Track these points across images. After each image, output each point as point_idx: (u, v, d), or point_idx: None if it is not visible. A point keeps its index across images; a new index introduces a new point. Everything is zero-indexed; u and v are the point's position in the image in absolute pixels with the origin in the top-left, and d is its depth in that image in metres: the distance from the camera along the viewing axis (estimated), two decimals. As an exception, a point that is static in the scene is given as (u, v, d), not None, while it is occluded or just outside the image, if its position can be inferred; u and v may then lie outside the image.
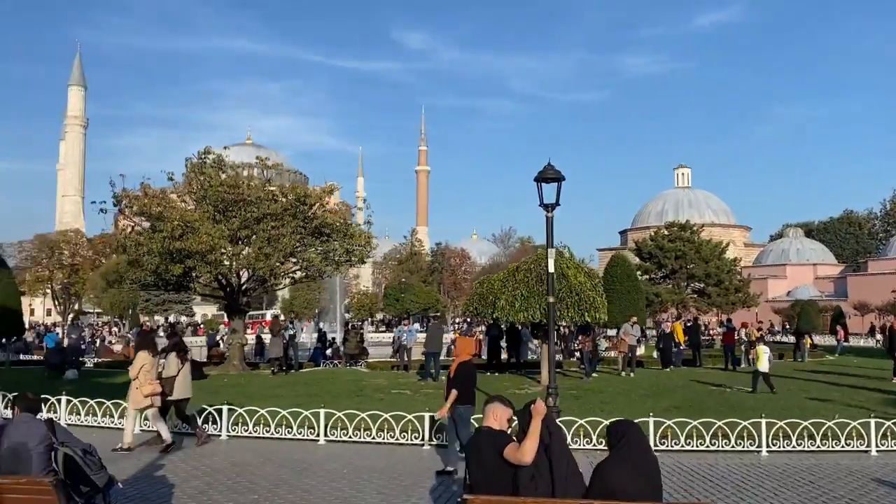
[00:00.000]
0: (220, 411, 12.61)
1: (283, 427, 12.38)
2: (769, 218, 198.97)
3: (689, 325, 30.82)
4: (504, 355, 24.72)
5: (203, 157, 23.10)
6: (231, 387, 20.34)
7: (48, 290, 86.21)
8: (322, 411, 12.22)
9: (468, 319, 55.34)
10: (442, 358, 22.90)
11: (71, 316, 52.66)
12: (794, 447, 11.24)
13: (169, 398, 11.89)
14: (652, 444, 11.26)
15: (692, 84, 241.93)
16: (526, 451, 4.91)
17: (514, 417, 5.59)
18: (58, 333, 38.53)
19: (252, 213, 22.09)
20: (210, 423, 12.65)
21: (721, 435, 11.46)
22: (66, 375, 22.16)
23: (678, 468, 10.37)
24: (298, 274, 26.27)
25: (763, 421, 11.43)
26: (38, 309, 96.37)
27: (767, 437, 11.34)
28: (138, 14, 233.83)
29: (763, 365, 18.46)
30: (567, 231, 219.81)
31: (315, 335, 36.34)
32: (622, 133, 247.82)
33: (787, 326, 54.31)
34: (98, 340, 41.15)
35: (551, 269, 12.29)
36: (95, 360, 32.49)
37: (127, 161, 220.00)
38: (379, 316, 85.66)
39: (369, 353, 31.16)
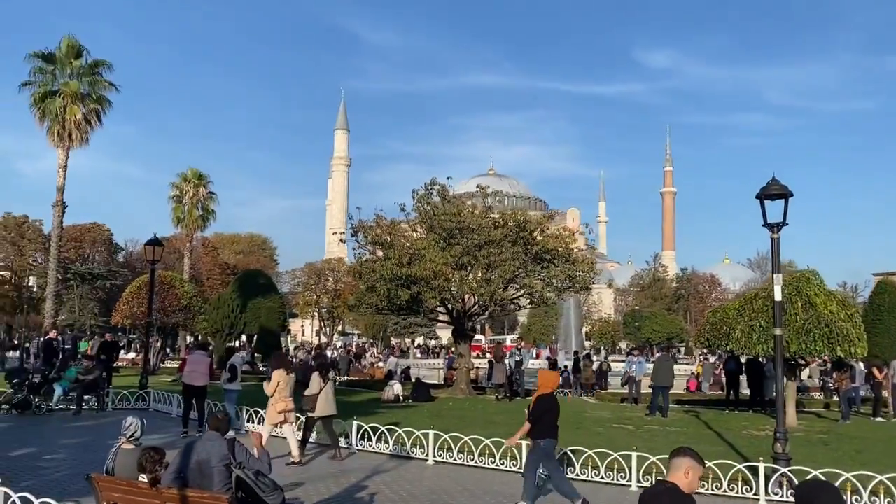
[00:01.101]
0: (426, 435, 12.75)
1: (486, 456, 12.20)
2: None
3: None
4: (745, 390, 22.51)
5: (429, 188, 24.08)
6: (453, 410, 20.73)
7: (315, 313, 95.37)
8: (524, 443, 11.83)
9: (704, 351, 51.64)
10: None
11: (300, 341, 57.96)
12: None
13: (311, 415, 12.53)
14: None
15: None
16: None
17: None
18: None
19: (473, 240, 22.51)
20: (418, 447, 12.86)
21: None
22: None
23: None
24: (523, 300, 26.25)
25: None
26: (307, 329, 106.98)
27: None
28: (394, 61, 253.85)
29: None
30: (837, 254, 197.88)
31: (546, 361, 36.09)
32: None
33: None
34: (351, 359, 44.40)
35: (777, 297, 10.86)
36: (345, 378, 35.29)
37: (383, 195, 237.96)
38: (623, 344, 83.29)
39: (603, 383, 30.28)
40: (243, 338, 40.88)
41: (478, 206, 24.37)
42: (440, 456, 12.63)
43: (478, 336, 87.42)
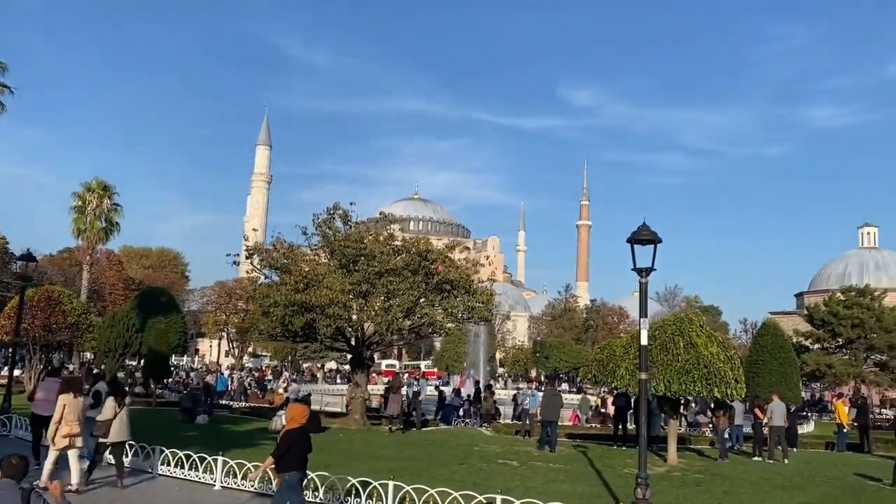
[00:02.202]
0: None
1: (352, 497, 11.84)
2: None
3: (857, 402, 27.21)
4: (630, 426, 22.91)
5: (332, 212, 23.72)
6: (340, 442, 20.23)
7: (224, 334, 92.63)
8: (391, 483, 11.55)
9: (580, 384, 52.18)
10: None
11: (205, 362, 55.96)
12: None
13: (102, 440, 12.37)
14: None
15: (883, 137, 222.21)
16: None
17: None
18: (226, 376, 40.84)
19: (374, 267, 22.23)
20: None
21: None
22: (196, 420, 23.13)
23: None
24: (424, 330, 26.08)
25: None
26: (215, 350, 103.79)
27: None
28: (325, 81, 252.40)
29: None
30: (739, 293, 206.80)
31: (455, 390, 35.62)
32: (803, 188, 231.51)
33: None
34: (251, 385, 43.06)
35: (643, 341, 11.03)
36: (241, 404, 34.12)
37: (308, 214, 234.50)
38: (533, 373, 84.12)
39: (502, 413, 30.24)
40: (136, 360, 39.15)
41: (382, 233, 24.07)
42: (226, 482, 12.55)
43: (391, 361, 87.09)
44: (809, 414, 40.19)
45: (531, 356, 79.58)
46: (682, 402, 20.27)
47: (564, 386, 62.66)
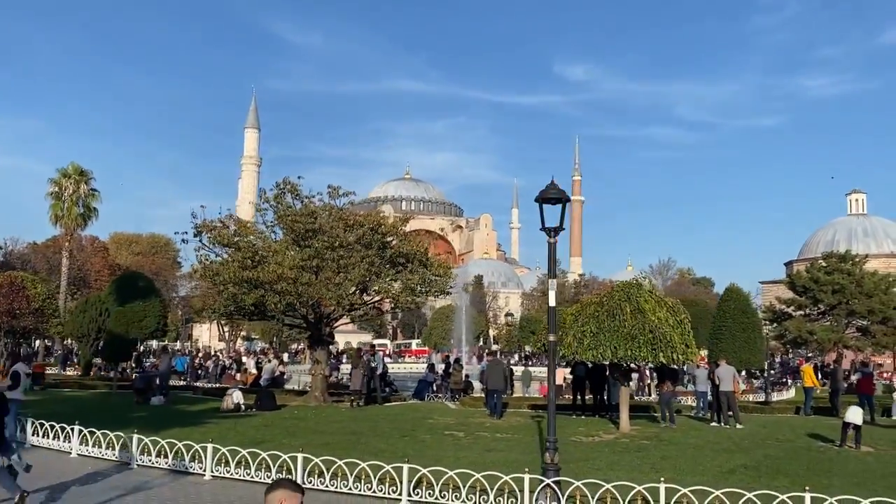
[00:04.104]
0: (205, 449, 11.99)
1: (263, 470, 11.54)
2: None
3: (829, 367, 26.94)
4: (588, 396, 22.68)
5: (282, 188, 23.28)
6: (291, 419, 19.98)
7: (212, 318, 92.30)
8: (300, 456, 11.24)
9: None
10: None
11: (163, 344, 55.73)
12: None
13: None
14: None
15: (874, 104, 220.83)
16: None
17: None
18: (186, 357, 40.64)
19: (325, 242, 21.84)
20: (197, 461, 12.10)
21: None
22: (151, 401, 22.87)
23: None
24: (387, 305, 25.77)
25: (807, 496, 9.10)
26: (205, 334, 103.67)
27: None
28: (318, 63, 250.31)
29: (852, 416, 15.76)
30: (732, 264, 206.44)
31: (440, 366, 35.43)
32: (795, 157, 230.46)
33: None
34: (231, 366, 42.82)
35: (552, 302, 10.67)
36: (215, 385, 33.96)
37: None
38: (528, 348, 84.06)
39: (475, 387, 30.00)
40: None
41: (333, 207, 23.60)
42: (217, 471, 11.95)
43: (383, 341, 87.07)
44: (788, 380, 40.10)
45: (518, 332, 79.49)
46: (636, 368, 19.95)
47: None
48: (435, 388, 30.24)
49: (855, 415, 16.01)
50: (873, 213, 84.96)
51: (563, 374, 29.51)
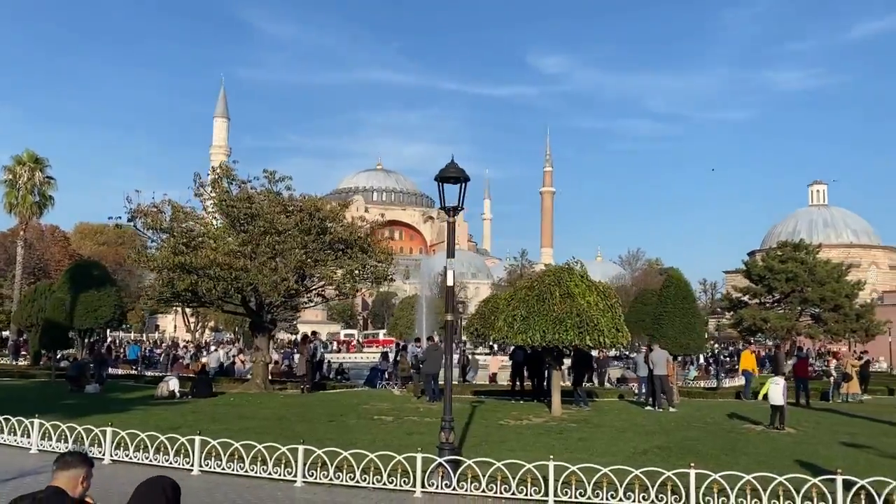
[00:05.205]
0: (104, 433, 11.77)
1: (161, 454, 11.36)
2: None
3: (769, 353, 27.30)
4: (527, 382, 22.69)
5: (219, 173, 22.97)
6: (223, 406, 19.74)
7: (178, 308, 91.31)
8: (197, 439, 11.07)
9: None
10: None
11: (92, 340, 55.15)
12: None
13: None
14: (551, 493, 9.32)
15: (847, 98, 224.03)
16: None
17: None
18: (139, 346, 40.14)
19: (259, 227, 21.59)
20: (97, 445, 11.88)
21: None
22: (86, 389, 22.48)
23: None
24: (329, 291, 25.59)
25: (692, 472, 9.14)
26: (170, 325, 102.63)
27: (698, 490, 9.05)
28: (292, 53, 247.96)
29: (774, 397, 15.97)
30: (699, 255, 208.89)
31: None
32: (762, 149, 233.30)
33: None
34: (183, 354, 42.42)
35: (450, 282, 10.59)
36: (163, 374, 33.61)
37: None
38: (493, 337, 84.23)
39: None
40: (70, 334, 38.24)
41: (271, 192, 23.32)
42: (116, 455, 11.73)
43: (351, 331, 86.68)
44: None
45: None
46: (567, 353, 19.97)
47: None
48: (387, 376, 30.21)
49: (775, 395, 16.17)
50: (835, 203, 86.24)
51: (499, 362, 29.62)
